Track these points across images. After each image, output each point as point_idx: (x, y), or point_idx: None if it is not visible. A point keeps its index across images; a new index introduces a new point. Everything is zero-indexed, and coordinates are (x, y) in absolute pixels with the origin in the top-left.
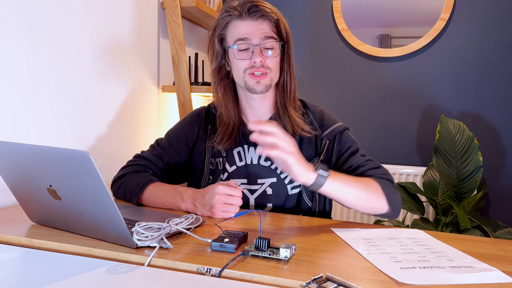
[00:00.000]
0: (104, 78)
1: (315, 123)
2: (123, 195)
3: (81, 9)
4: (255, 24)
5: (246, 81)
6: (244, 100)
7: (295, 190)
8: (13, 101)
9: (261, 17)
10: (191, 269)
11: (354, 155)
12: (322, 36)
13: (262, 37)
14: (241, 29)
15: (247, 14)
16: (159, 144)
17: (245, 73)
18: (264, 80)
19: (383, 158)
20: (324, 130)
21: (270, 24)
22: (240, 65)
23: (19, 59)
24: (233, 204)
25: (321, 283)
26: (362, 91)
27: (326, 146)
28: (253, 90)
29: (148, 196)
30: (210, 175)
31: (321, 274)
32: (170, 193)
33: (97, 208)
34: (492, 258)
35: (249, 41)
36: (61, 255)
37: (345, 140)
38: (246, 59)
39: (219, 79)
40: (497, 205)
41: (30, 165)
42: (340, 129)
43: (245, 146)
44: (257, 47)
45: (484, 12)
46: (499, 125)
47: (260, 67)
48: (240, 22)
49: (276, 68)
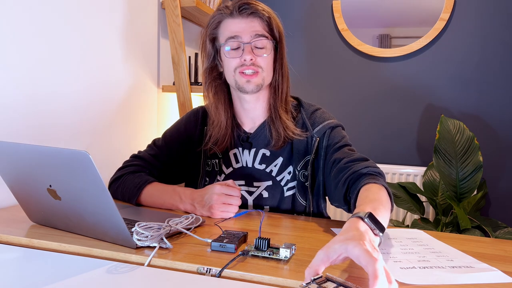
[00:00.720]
0: (104, 78)
1: (307, 123)
2: (121, 197)
3: (81, 9)
4: (245, 21)
5: (236, 80)
6: (238, 102)
7: (290, 192)
8: (13, 101)
9: (251, 14)
10: (191, 269)
11: (342, 149)
12: (322, 36)
13: (253, 35)
14: (231, 27)
15: (237, 12)
16: (156, 144)
17: (236, 72)
18: (255, 79)
19: (383, 158)
20: (315, 127)
21: (261, 22)
22: (231, 64)
23: (19, 59)
24: (232, 204)
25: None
26: (362, 91)
27: (317, 143)
28: (243, 89)
29: (146, 197)
30: (206, 177)
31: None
32: (168, 194)
33: (97, 208)
34: (492, 258)
35: (239, 39)
36: (61, 255)
37: (334, 135)
38: (237, 58)
39: (211, 80)
40: (497, 205)
41: (30, 165)
42: (330, 125)
43: (240, 149)
44: (248, 45)
45: (484, 12)
46: (499, 125)
47: (250, 65)
48: (231, 21)
49: (268, 67)
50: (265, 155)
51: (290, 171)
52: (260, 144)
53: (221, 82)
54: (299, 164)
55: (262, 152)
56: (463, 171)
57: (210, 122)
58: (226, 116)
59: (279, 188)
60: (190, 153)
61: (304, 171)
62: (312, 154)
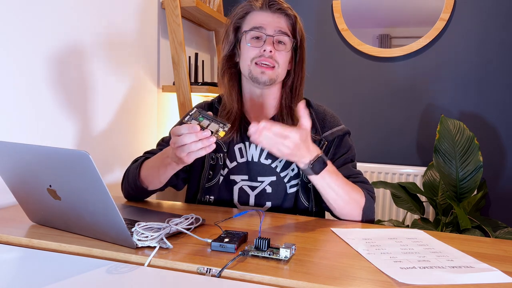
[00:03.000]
0: (104, 78)
1: (317, 124)
2: (129, 185)
3: (81, 8)
4: (272, 16)
5: (251, 70)
6: (248, 95)
7: (294, 189)
8: (13, 101)
9: (279, 10)
10: (191, 269)
11: (347, 165)
12: (322, 36)
13: (277, 30)
14: (258, 18)
15: (267, 7)
16: (164, 140)
17: (252, 62)
18: (270, 72)
19: (383, 158)
20: (324, 131)
21: (287, 21)
22: (249, 53)
23: (18, 59)
24: (187, 142)
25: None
26: (362, 91)
27: (324, 147)
28: (256, 80)
29: (144, 171)
30: (210, 170)
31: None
32: (159, 159)
33: (97, 208)
34: (492, 258)
35: (263, 30)
36: (60, 255)
37: (342, 146)
38: (257, 48)
39: (227, 67)
40: (497, 205)
41: (30, 165)
42: (340, 133)
43: (247, 143)
44: (270, 38)
45: (484, 12)
46: (499, 125)
47: (268, 57)
48: (259, 13)
49: (284, 64)
50: None
51: (294, 168)
52: None
53: (235, 71)
54: None
55: None
56: (463, 171)
57: (222, 109)
58: (238, 105)
59: (282, 185)
60: None
61: None
62: None
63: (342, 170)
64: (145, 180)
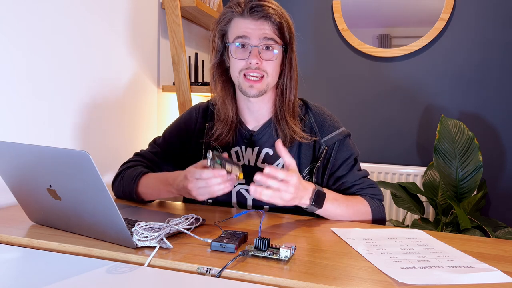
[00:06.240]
0: (104, 78)
1: (315, 127)
2: (122, 193)
3: (80, 9)
4: (255, 24)
5: (240, 82)
6: (242, 100)
7: None
8: (13, 101)
9: (262, 17)
10: (191, 269)
11: (351, 171)
12: (322, 36)
13: (262, 38)
14: (241, 27)
15: (248, 13)
16: (156, 142)
17: (240, 74)
18: (258, 85)
19: (383, 158)
20: (324, 136)
21: (272, 26)
22: (236, 64)
23: (18, 59)
24: (210, 185)
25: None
26: (362, 91)
27: (324, 152)
28: (246, 93)
29: (143, 188)
30: None
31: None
32: (162, 184)
33: (97, 208)
34: (492, 258)
35: (247, 39)
36: (61, 255)
37: (344, 150)
38: (243, 59)
39: (218, 75)
40: (497, 205)
41: (30, 165)
42: (340, 137)
43: (243, 147)
44: (255, 48)
45: (484, 12)
46: (499, 125)
47: (256, 69)
48: (241, 20)
49: (274, 72)
50: (268, 154)
51: None
52: (264, 143)
53: (227, 77)
54: (304, 169)
55: (265, 151)
56: (463, 171)
57: (217, 117)
58: (232, 111)
59: None
60: (190, 149)
61: (308, 178)
62: (318, 162)
63: (347, 177)
64: (143, 196)
